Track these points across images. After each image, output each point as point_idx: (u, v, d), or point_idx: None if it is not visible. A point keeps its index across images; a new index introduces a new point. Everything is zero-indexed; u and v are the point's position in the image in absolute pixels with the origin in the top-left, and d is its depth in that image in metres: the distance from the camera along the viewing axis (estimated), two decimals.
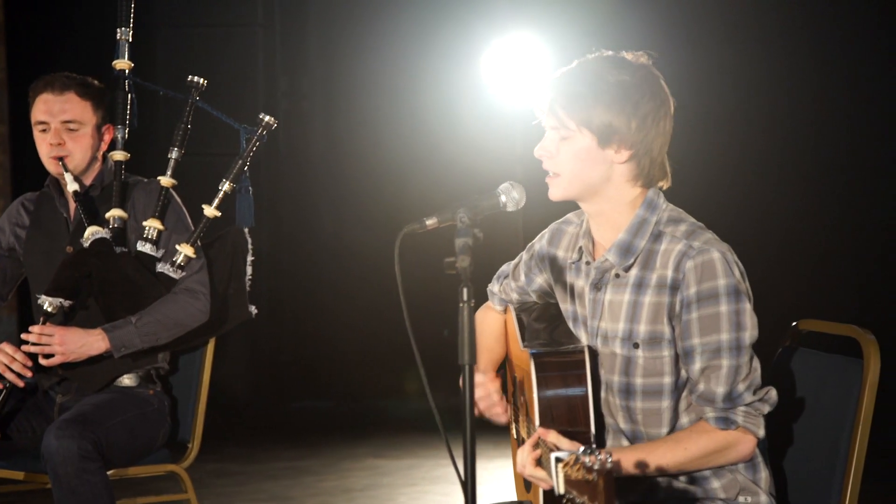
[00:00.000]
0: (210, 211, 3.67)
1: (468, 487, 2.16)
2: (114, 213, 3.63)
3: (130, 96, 3.75)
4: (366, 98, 7.39)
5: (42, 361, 3.51)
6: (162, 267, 3.62)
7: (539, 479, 2.39)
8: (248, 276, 3.78)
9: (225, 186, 3.69)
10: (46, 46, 7.01)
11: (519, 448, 2.47)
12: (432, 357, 2.86)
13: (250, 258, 3.77)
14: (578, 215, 2.65)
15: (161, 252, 3.63)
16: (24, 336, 3.50)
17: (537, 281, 2.72)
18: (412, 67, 7.28)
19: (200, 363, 3.76)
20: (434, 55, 7.24)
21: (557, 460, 2.11)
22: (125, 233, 3.65)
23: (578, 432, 2.46)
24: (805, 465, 2.62)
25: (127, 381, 3.62)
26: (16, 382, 3.54)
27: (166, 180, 3.69)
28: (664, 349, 2.46)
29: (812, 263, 7.00)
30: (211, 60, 7.07)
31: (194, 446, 3.72)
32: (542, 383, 2.50)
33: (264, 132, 3.69)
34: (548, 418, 2.48)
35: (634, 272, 2.48)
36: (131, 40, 3.77)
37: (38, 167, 3.73)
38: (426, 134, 7.29)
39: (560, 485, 2.10)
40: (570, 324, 2.62)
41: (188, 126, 3.74)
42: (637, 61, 2.49)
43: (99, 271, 3.53)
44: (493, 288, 2.84)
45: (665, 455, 2.41)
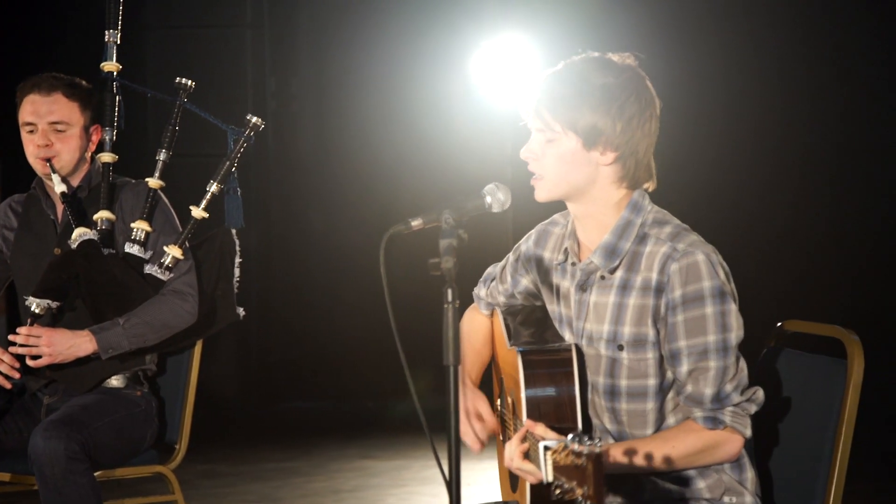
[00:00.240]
0: (198, 212, 3.68)
1: (452, 487, 2.17)
2: (101, 215, 3.63)
3: (118, 98, 3.75)
4: (355, 99, 7.39)
5: (29, 363, 3.51)
6: (150, 268, 3.62)
7: (527, 473, 2.39)
8: (236, 278, 3.78)
9: (213, 188, 3.70)
10: (33, 48, 7.00)
11: (506, 444, 2.48)
12: (422, 358, 2.87)
13: (238, 260, 3.78)
14: (564, 216, 2.66)
15: (149, 254, 3.63)
16: (12, 337, 3.50)
17: (523, 282, 2.73)
18: (402, 68, 7.29)
19: (188, 364, 3.76)
20: (423, 56, 7.24)
21: (546, 448, 2.13)
22: (113, 234, 3.65)
23: (566, 429, 2.47)
24: (789, 466, 2.64)
25: (114, 383, 3.62)
26: (3, 384, 3.55)
27: (154, 182, 3.69)
28: (648, 351, 2.47)
29: (797, 264, 7.02)
30: (200, 61, 7.06)
31: (182, 447, 3.72)
32: (530, 381, 2.52)
33: (252, 133, 3.69)
34: (535, 416, 2.49)
35: (619, 274, 2.49)
36: (119, 42, 3.78)
37: (27, 168, 3.73)
38: (416, 135, 7.29)
39: (549, 472, 2.11)
40: (557, 325, 2.63)
41: (176, 128, 3.74)
42: (623, 63, 2.49)
43: (86, 273, 3.53)
44: (480, 292, 2.84)
45: (653, 451, 2.43)
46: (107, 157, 3.70)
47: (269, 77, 7.42)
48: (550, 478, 2.09)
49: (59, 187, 3.62)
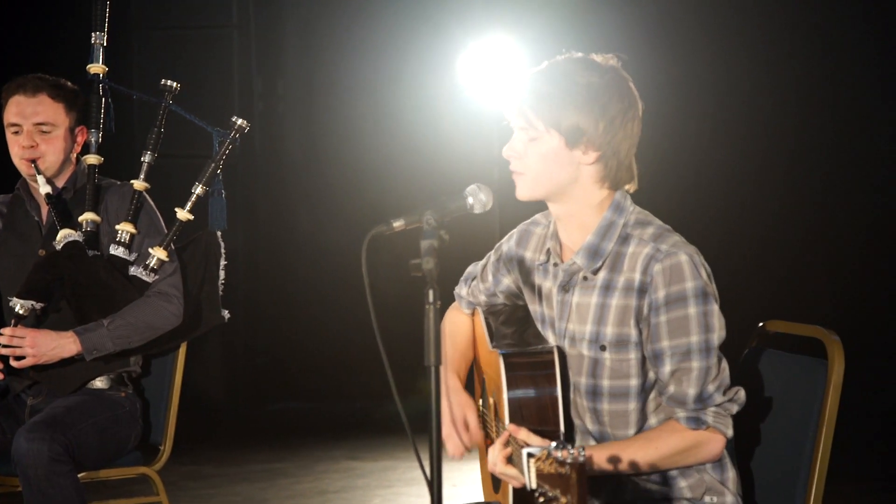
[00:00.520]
0: (183, 214, 3.68)
1: (434, 487, 2.18)
2: (87, 217, 3.63)
3: (105, 100, 3.75)
4: (342, 99, 7.39)
5: (13, 363, 3.51)
6: (135, 270, 3.62)
7: (510, 477, 2.40)
8: (221, 280, 3.78)
9: (198, 190, 3.70)
10: (19, 49, 6.98)
11: (489, 447, 2.48)
12: (408, 358, 2.87)
13: (223, 262, 3.78)
14: (546, 216, 2.66)
15: (134, 255, 3.63)
16: None
17: (505, 282, 2.73)
18: (388, 69, 7.29)
19: (172, 365, 3.76)
20: (410, 57, 7.25)
21: (529, 455, 2.13)
22: (98, 236, 3.65)
23: (548, 431, 2.47)
24: (771, 465, 2.65)
25: (98, 384, 3.62)
26: None
27: (139, 184, 3.69)
28: (631, 352, 2.48)
29: (780, 266, 7.05)
30: (186, 62, 7.06)
31: (166, 449, 3.72)
32: (512, 383, 2.52)
33: (237, 135, 3.69)
34: (518, 418, 2.49)
35: (602, 275, 2.50)
36: (105, 44, 3.77)
37: (11, 169, 3.72)
38: (403, 135, 7.29)
39: (532, 479, 2.11)
40: (539, 325, 2.63)
41: (161, 130, 3.74)
42: (606, 63, 2.50)
43: (71, 274, 3.53)
44: (461, 291, 2.85)
45: (637, 453, 2.44)
46: (92, 159, 3.70)
47: (256, 78, 7.41)
48: (534, 485, 2.10)
49: (44, 188, 3.61)
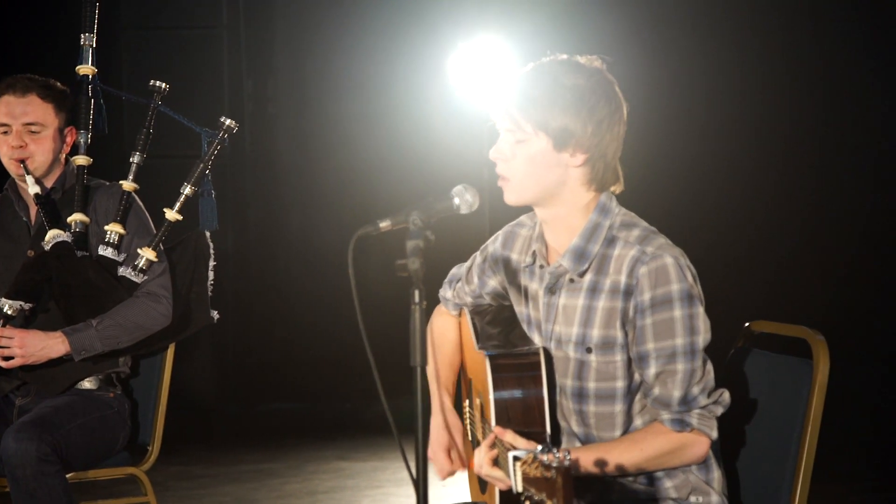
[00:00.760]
0: (171, 215, 3.68)
1: (420, 486, 2.18)
2: (75, 218, 3.63)
3: (96, 101, 3.75)
4: (332, 100, 7.39)
5: (1, 364, 3.51)
6: (124, 271, 3.62)
7: (496, 479, 2.40)
8: (210, 281, 3.78)
9: (186, 190, 3.70)
10: (9, 50, 6.97)
11: (475, 449, 2.48)
12: (398, 359, 2.88)
13: (212, 263, 3.78)
14: (531, 217, 2.66)
15: (123, 256, 3.63)
16: None
17: (491, 283, 2.73)
18: (379, 70, 7.29)
19: (161, 366, 3.76)
20: (401, 58, 7.25)
21: (515, 459, 2.14)
22: (87, 237, 3.65)
23: (534, 433, 2.48)
24: (756, 465, 2.66)
25: (87, 385, 3.62)
26: None
27: (128, 184, 3.69)
28: (617, 354, 2.48)
29: (767, 266, 7.06)
30: (176, 63, 7.05)
31: (154, 449, 3.72)
32: (498, 384, 2.52)
33: (225, 135, 3.70)
34: (504, 419, 2.50)
35: (588, 277, 2.50)
36: (95, 45, 3.78)
37: (0, 170, 3.72)
38: (393, 136, 7.30)
39: (518, 483, 2.12)
40: (525, 327, 2.64)
41: (150, 130, 3.75)
42: (591, 65, 2.50)
43: (60, 275, 3.53)
44: (446, 294, 2.85)
45: (622, 455, 2.44)
46: (81, 160, 3.70)
47: (246, 79, 7.42)
48: (520, 488, 2.10)
49: (33, 188, 3.61)
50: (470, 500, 2.81)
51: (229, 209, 7.34)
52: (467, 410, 2.83)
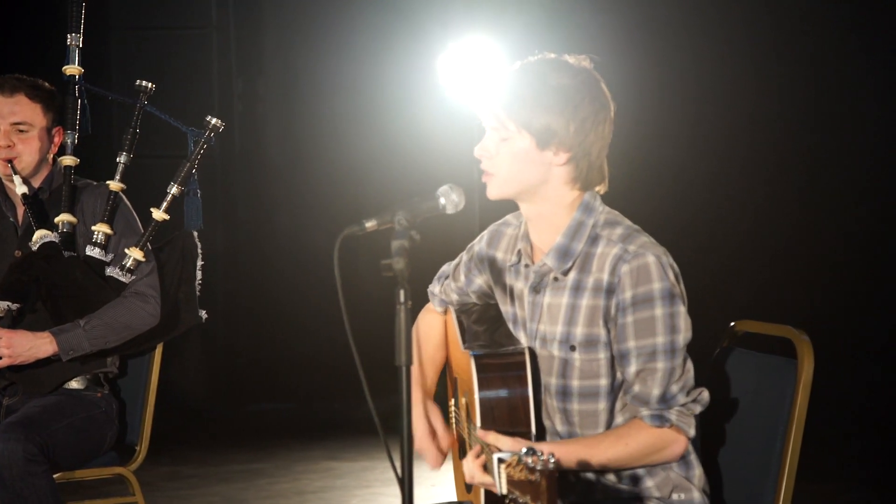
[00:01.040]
0: (158, 214, 3.68)
1: (405, 485, 2.19)
2: (63, 218, 3.63)
3: (81, 102, 3.75)
4: (322, 100, 7.40)
5: None
6: (111, 271, 3.62)
7: (488, 485, 2.41)
8: (198, 281, 3.78)
9: (173, 190, 3.70)
10: None
11: (460, 453, 2.49)
12: (387, 358, 2.88)
13: (200, 262, 3.78)
14: (517, 217, 2.67)
15: (110, 256, 3.63)
16: None
17: (477, 282, 2.74)
18: (369, 70, 7.30)
19: (149, 366, 3.76)
20: (390, 57, 7.26)
21: (500, 461, 2.14)
22: (74, 237, 3.65)
23: (519, 433, 2.48)
24: (741, 464, 2.67)
25: (74, 385, 3.62)
26: None
27: (115, 184, 3.69)
28: (600, 352, 2.49)
29: (754, 266, 7.08)
30: (165, 63, 7.05)
31: (142, 449, 3.72)
32: (483, 384, 2.53)
33: (212, 135, 3.70)
34: (489, 419, 2.50)
35: (572, 275, 2.51)
36: (81, 45, 3.78)
37: None
38: (383, 135, 7.30)
39: (503, 485, 2.12)
40: (510, 325, 2.65)
41: (137, 130, 3.75)
42: (579, 65, 2.51)
43: (47, 275, 3.53)
44: (434, 289, 2.86)
45: (607, 450, 2.45)
46: (68, 161, 3.70)
47: (236, 78, 7.42)
48: (504, 490, 2.11)
49: (21, 188, 3.61)
50: (456, 500, 2.81)
51: (219, 209, 7.34)
52: (453, 410, 2.84)
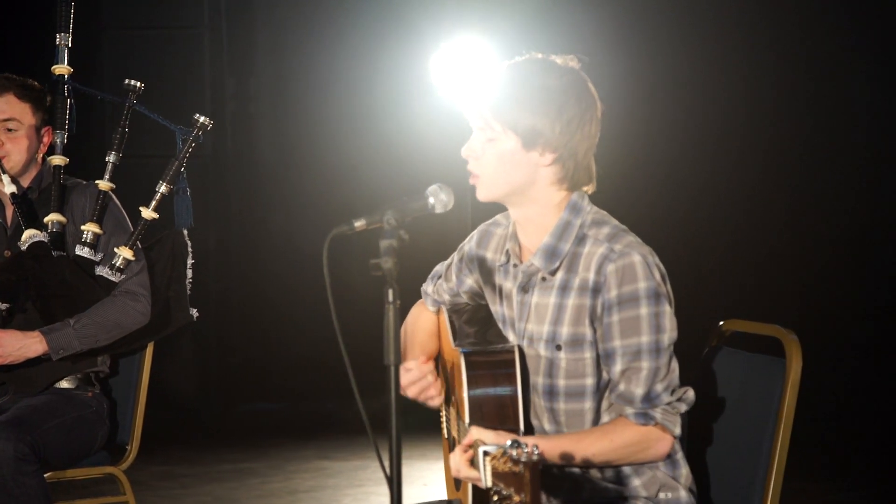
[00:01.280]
0: (148, 213, 3.68)
1: (394, 484, 2.19)
2: (52, 218, 3.63)
3: (69, 101, 3.75)
4: (314, 99, 7.40)
5: None
6: (101, 270, 3.62)
7: (474, 479, 2.41)
8: (189, 279, 3.78)
9: (162, 188, 3.71)
10: None
11: (452, 452, 2.49)
12: (381, 357, 2.89)
13: (191, 261, 3.78)
14: (507, 217, 2.68)
15: (100, 255, 3.63)
16: None
17: (467, 282, 2.75)
18: (361, 69, 7.30)
19: (140, 365, 3.76)
20: (383, 57, 7.26)
21: (485, 454, 2.15)
22: (64, 237, 3.65)
23: (508, 430, 2.49)
24: (729, 463, 2.67)
25: (65, 384, 3.62)
26: None
27: (104, 184, 3.69)
28: (586, 351, 2.50)
29: (742, 266, 7.10)
30: (157, 63, 7.05)
31: (133, 448, 3.72)
32: (473, 382, 2.54)
33: (200, 133, 3.70)
34: (478, 416, 2.51)
35: (560, 275, 2.52)
36: (70, 45, 3.78)
37: None
38: (375, 135, 7.31)
39: (487, 478, 2.14)
40: (500, 325, 2.65)
41: (126, 129, 3.75)
42: (566, 65, 2.51)
43: (36, 275, 3.53)
44: (427, 288, 2.87)
45: (591, 445, 2.45)
46: (58, 160, 3.70)
47: (228, 79, 7.42)
48: (489, 483, 2.12)
49: (9, 188, 3.61)
50: (445, 498, 2.82)
51: (211, 208, 7.34)
52: (443, 408, 2.84)
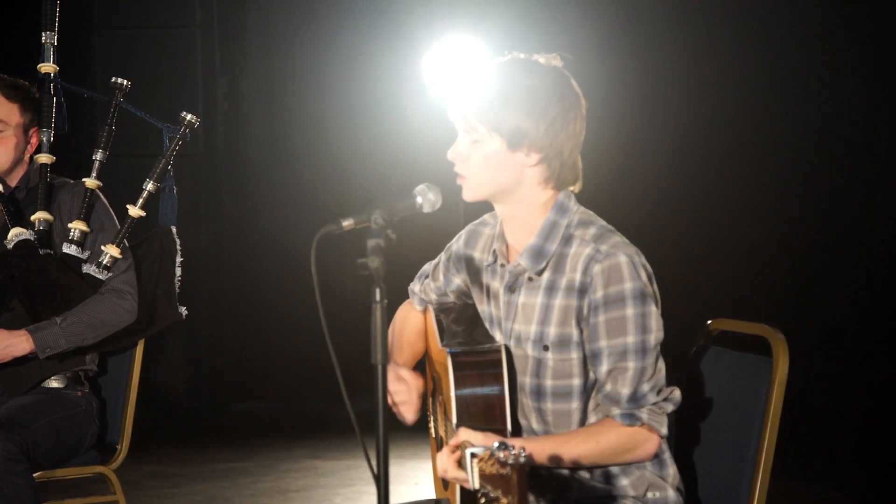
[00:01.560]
0: (134, 211, 3.68)
1: (381, 482, 2.19)
2: (39, 216, 3.63)
3: (57, 100, 3.75)
4: (306, 99, 7.40)
5: None
6: (88, 268, 3.61)
7: (462, 480, 2.41)
8: (178, 277, 3.78)
9: (149, 186, 3.71)
10: None
11: (438, 451, 2.49)
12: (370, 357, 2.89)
13: (179, 259, 3.78)
14: (494, 216, 2.68)
15: (87, 253, 3.63)
16: None
17: (455, 281, 2.75)
18: (353, 69, 7.30)
19: (130, 364, 3.76)
20: (375, 57, 7.26)
21: (472, 455, 2.15)
22: (51, 235, 3.64)
23: (495, 430, 2.49)
24: (716, 462, 2.68)
25: (54, 383, 3.61)
26: None
27: (91, 182, 3.69)
28: (573, 351, 2.50)
29: (730, 264, 7.11)
30: (149, 63, 7.05)
31: (123, 448, 3.72)
32: (460, 382, 2.54)
33: (187, 130, 3.70)
34: (465, 416, 2.51)
35: (546, 275, 2.51)
36: (56, 43, 3.77)
37: None
38: (368, 135, 7.31)
39: (475, 480, 2.13)
40: (487, 325, 2.65)
41: (112, 127, 3.75)
42: (549, 64, 2.51)
43: (22, 273, 3.53)
44: (415, 287, 2.87)
45: (578, 446, 2.46)
46: (44, 158, 3.70)
47: (220, 77, 7.41)
48: (477, 485, 2.12)
49: None
50: (433, 497, 2.82)
51: (204, 207, 7.34)
52: (430, 407, 2.85)
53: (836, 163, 7.08)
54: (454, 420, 2.51)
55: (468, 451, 2.19)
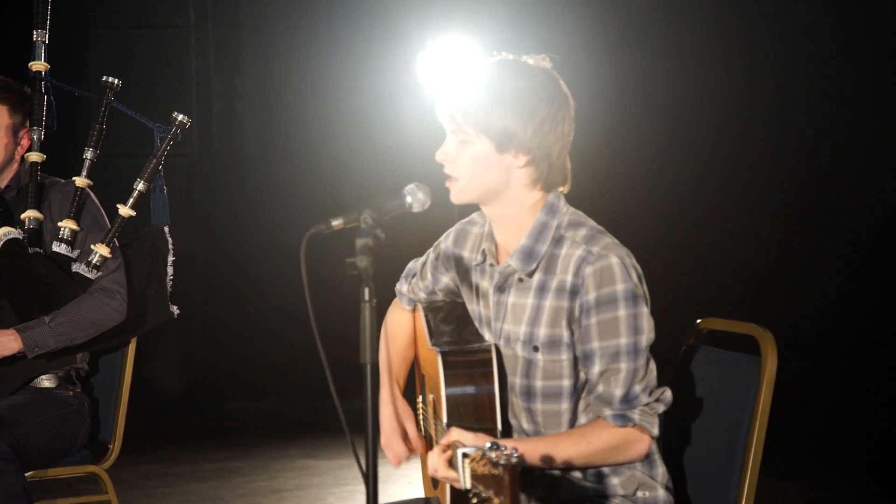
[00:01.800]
0: (125, 210, 3.68)
1: (370, 480, 2.20)
2: (29, 214, 3.63)
3: (47, 98, 3.75)
4: (301, 99, 7.40)
5: None
6: (77, 267, 3.61)
7: (452, 480, 2.42)
8: (170, 277, 3.78)
9: (140, 186, 3.71)
10: None
11: (429, 452, 2.50)
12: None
13: (171, 258, 3.78)
14: (482, 215, 2.67)
15: (77, 252, 3.63)
16: None
17: (443, 280, 2.75)
18: (348, 69, 7.31)
19: (122, 363, 3.76)
20: (369, 56, 7.27)
21: (464, 456, 2.16)
22: (41, 234, 3.64)
23: (485, 429, 2.50)
24: (705, 461, 2.68)
25: (46, 383, 3.61)
26: None
27: (81, 181, 3.69)
28: (563, 352, 2.50)
29: (718, 264, 7.12)
30: (144, 62, 7.05)
31: (115, 447, 3.72)
32: (450, 381, 2.54)
33: (178, 130, 3.70)
34: (455, 416, 2.51)
35: (537, 277, 2.51)
36: (48, 41, 3.78)
37: None
38: (362, 134, 7.31)
39: (467, 480, 2.14)
40: (476, 324, 2.65)
41: (103, 126, 3.75)
42: (537, 65, 2.51)
43: (10, 272, 3.53)
44: (402, 288, 2.86)
45: (569, 448, 2.46)
46: (35, 157, 3.70)
47: (214, 78, 7.42)
48: (468, 485, 2.13)
49: None
50: (423, 496, 2.82)
51: (198, 207, 7.34)
52: (420, 407, 2.85)
53: (823, 162, 7.10)
54: (445, 419, 2.51)
55: (460, 451, 2.20)
